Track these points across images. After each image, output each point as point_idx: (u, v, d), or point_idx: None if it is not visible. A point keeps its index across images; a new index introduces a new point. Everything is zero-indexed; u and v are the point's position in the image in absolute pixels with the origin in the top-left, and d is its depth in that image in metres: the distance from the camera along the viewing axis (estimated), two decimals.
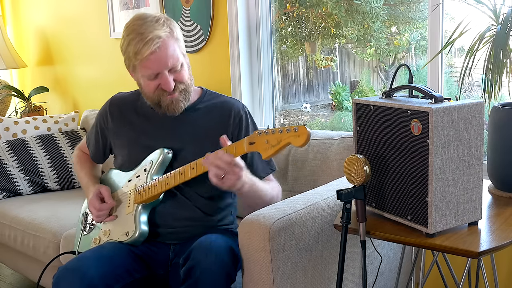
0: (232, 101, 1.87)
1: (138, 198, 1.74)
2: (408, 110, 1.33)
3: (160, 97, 1.72)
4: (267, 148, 1.48)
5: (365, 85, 2.83)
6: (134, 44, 1.64)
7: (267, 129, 1.49)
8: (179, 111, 1.75)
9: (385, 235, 1.39)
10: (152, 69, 1.66)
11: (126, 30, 1.69)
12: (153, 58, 1.64)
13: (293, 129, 1.44)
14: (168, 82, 1.68)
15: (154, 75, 1.68)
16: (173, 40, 1.68)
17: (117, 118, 1.88)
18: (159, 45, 1.63)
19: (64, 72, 3.86)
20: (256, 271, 1.54)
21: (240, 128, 1.81)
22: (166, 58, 1.65)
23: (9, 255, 2.70)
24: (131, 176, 1.82)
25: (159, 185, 1.70)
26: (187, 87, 1.74)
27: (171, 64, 1.67)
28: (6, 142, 2.92)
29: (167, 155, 1.76)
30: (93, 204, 1.80)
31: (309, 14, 2.85)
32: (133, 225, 1.71)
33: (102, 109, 1.94)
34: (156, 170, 1.75)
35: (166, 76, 1.67)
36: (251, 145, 1.52)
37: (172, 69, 1.68)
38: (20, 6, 4.10)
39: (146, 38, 1.62)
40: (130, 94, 1.94)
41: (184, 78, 1.72)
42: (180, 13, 2.92)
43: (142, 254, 1.72)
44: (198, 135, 1.79)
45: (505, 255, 2.00)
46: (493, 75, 1.57)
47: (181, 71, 1.71)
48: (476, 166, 1.35)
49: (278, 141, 1.46)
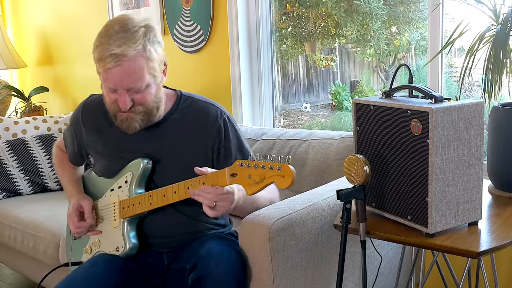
0: (208, 107, 1.72)
1: (123, 213, 1.69)
2: (408, 110, 1.33)
3: (116, 111, 1.61)
4: (250, 184, 1.42)
5: (365, 85, 2.83)
6: (100, 50, 1.53)
7: (249, 162, 1.42)
8: (132, 131, 1.62)
9: (385, 235, 1.39)
10: (110, 83, 1.55)
11: (103, 28, 1.58)
12: (112, 73, 1.52)
13: (276, 167, 1.36)
14: (123, 101, 1.56)
15: (112, 90, 1.57)
16: (141, 60, 1.53)
17: (89, 125, 1.78)
18: (121, 63, 1.51)
19: (64, 72, 3.86)
20: (256, 271, 1.55)
21: (220, 140, 1.69)
22: (125, 78, 1.53)
23: (9, 255, 2.70)
24: (113, 185, 1.74)
25: (143, 204, 1.65)
26: (148, 109, 1.60)
27: (129, 85, 1.54)
28: (6, 142, 2.92)
29: (147, 165, 1.68)
30: (72, 220, 1.73)
31: (309, 14, 2.85)
32: (122, 240, 1.67)
33: (75, 114, 1.84)
34: (138, 182, 1.68)
35: (123, 94, 1.55)
36: (233, 177, 1.45)
37: (131, 89, 1.55)
38: (20, 6, 4.10)
39: (111, 51, 1.51)
40: (102, 98, 1.76)
41: (146, 101, 1.58)
42: (180, 13, 2.92)
43: (136, 265, 1.68)
44: (175, 147, 1.69)
45: (505, 255, 2.00)
46: (493, 75, 1.57)
47: (143, 92, 1.57)
48: (476, 166, 1.35)
49: (261, 178, 1.40)
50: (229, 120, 1.73)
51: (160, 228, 1.70)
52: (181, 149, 1.69)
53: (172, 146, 1.70)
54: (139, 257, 1.70)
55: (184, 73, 3.00)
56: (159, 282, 1.71)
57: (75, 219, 1.73)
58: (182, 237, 1.72)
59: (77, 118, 1.82)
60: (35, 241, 2.40)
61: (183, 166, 1.68)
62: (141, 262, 1.70)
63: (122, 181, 1.72)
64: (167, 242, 1.72)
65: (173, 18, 2.97)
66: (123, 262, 1.66)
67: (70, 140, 1.88)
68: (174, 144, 1.70)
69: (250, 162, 1.42)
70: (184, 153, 1.69)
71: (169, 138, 1.70)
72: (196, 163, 1.66)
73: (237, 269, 1.52)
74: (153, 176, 1.71)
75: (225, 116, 1.72)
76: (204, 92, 2.82)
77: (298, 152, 2.22)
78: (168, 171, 1.69)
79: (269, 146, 2.34)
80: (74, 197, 1.79)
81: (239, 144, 1.74)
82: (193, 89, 2.32)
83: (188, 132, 1.70)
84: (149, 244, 1.73)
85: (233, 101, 2.82)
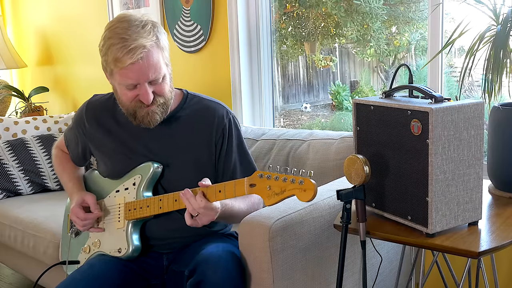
0: (215, 107, 1.74)
1: (129, 215, 1.68)
2: (408, 110, 1.33)
3: (136, 108, 1.60)
4: (270, 195, 1.42)
5: (365, 85, 2.83)
6: (116, 50, 1.51)
7: (270, 173, 1.43)
8: (154, 124, 1.64)
9: (385, 235, 1.39)
10: (131, 79, 1.54)
11: (108, 31, 1.55)
12: (135, 68, 1.52)
13: (298, 181, 1.36)
14: (147, 94, 1.56)
15: (133, 86, 1.56)
16: (158, 50, 1.55)
17: (94, 125, 1.76)
18: (143, 56, 1.51)
19: (64, 72, 3.86)
20: (256, 271, 1.54)
21: (223, 140, 1.71)
22: (148, 70, 1.53)
23: (9, 255, 2.70)
24: (118, 186, 1.73)
25: (152, 207, 1.64)
26: (166, 100, 1.62)
27: (152, 76, 1.55)
28: (6, 142, 2.92)
29: (157, 169, 1.68)
30: (76, 214, 1.70)
31: (309, 14, 2.85)
32: (125, 242, 1.67)
33: (78, 113, 1.82)
34: (146, 186, 1.68)
35: (146, 88, 1.56)
36: (251, 188, 1.46)
37: (153, 81, 1.57)
38: (20, 6, 4.10)
39: (130, 46, 1.49)
40: (107, 98, 1.80)
41: (165, 91, 1.61)
42: (180, 13, 2.92)
43: (136, 267, 1.68)
44: (181, 147, 1.70)
45: (505, 255, 2.00)
46: (493, 75, 1.57)
47: (162, 83, 1.59)
48: (476, 166, 1.35)
49: (281, 190, 1.40)
50: (234, 121, 1.76)
51: (162, 231, 1.70)
52: (187, 147, 1.70)
53: (178, 145, 1.70)
54: (139, 259, 1.70)
55: (184, 73, 3.00)
56: (158, 283, 1.71)
57: (81, 212, 1.70)
58: (183, 239, 1.72)
59: (82, 118, 1.80)
60: (35, 241, 2.39)
61: (189, 166, 1.69)
62: (141, 263, 1.70)
63: (130, 183, 1.71)
64: (168, 244, 1.72)
65: (173, 18, 2.97)
66: (122, 264, 1.66)
67: (74, 140, 1.86)
68: (180, 142, 1.70)
69: (270, 173, 1.43)
70: (190, 152, 1.70)
71: (175, 136, 1.71)
72: (201, 161, 1.69)
73: (235, 275, 1.51)
74: (160, 179, 1.71)
75: (231, 116, 1.75)
76: (204, 92, 2.79)
77: (298, 152, 2.22)
78: (175, 172, 1.69)
79: (269, 146, 2.34)
80: (76, 193, 1.78)
81: (239, 146, 1.75)
82: (193, 89, 2.31)
83: (194, 130, 1.71)
84: (150, 245, 1.73)
85: (233, 101, 2.82)
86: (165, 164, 1.70)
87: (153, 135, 1.70)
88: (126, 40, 1.51)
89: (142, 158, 1.70)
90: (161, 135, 1.70)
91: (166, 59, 1.60)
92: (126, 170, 1.72)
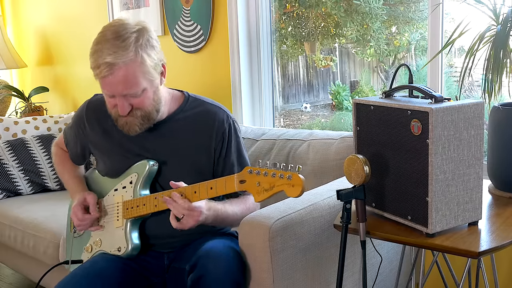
0: (216, 111, 1.74)
1: (127, 214, 1.69)
2: (408, 110, 1.33)
3: (116, 116, 1.63)
4: (259, 191, 1.43)
5: (365, 85, 2.83)
6: (93, 60, 1.55)
7: (259, 169, 1.43)
8: (133, 133, 1.65)
9: (385, 235, 1.39)
10: (106, 90, 1.58)
11: (98, 35, 1.58)
12: (106, 82, 1.54)
13: (287, 176, 1.37)
14: (121, 107, 1.57)
15: (110, 95, 1.59)
16: (134, 67, 1.53)
17: (94, 125, 1.78)
18: (112, 72, 1.51)
19: (64, 72, 3.86)
20: (256, 271, 1.54)
21: (222, 144, 1.71)
22: (118, 86, 1.54)
23: (9, 255, 2.70)
24: (116, 185, 1.75)
25: (148, 205, 1.65)
26: (146, 113, 1.61)
27: (124, 91, 1.55)
28: (6, 142, 2.92)
29: (153, 167, 1.69)
30: (76, 213, 1.72)
31: (309, 14, 2.86)
32: (124, 240, 1.68)
33: (78, 112, 1.83)
34: (143, 184, 1.69)
35: (120, 100, 1.57)
36: (241, 184, 1.47)
37: (128, 95, 1.56)
38: (20, 6, 4.10)
39: (102, 60, 1.52)
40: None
41: (144, 105, 1.59)
42: (180, 13, 2.92)
43: (136, 266, 1.68)
44: (179, 146, 1.71)
45: (505, 255, 2.00)
46: (493, 75, 1.57)
47: (140, 97, 1.58)
48: (476, 166, 1.35)
49: (270, 186, 1.41)
50: (234, 125, 1.76)
51: (161, 229, 1.70)
52: (185, 149, 1.71)
53: (176, 146, 1.71)
54: (140, 257, 1.71)
55: (184, 73, 3.00)
56: (159, 282, 1.71)
57: (80, 212, 1.72)
58: (183, 237, 1.72)
59: (82, 117, 1.81)
60: (35, 241, 2.40)
61: (187, 166, 1.70)
62: (142, 262, 1.70)
63: (127, 182, 1.72)
64: (168, 243, 1.73)
65: (173, 18, 2.97)
66: (124, 262, 1.66)
67: (73, 139, 1.88)
68: (178, 143, 1.71)
69: (260, 169, 1.43)
70: (188, 153, 1.70)
71: (173, 138, 1.71)
72: (199, 162, 1.69)
73: (236, 270, 1.51)
74: (158, 177, 1.71)
75: (231, 121, 1.76)
76: (204, 92, 2.82)
77: (298, 152, 2.22)
78: (172, 172, 1.69)
79: (269, 146, 2.34)
80: (78, 192, 1.79)
81: (238, 151, 1.76)
82: (193, 89, 2.31)
83: (193, 133, 1.71)
84: (151, 244, 1.73)
85: (233, 101, 2.82)
86: (162, 162, 1.71)
87: (152, 136, 1.71)
88: (103, 53, 1.52)
89: (140, 157, 1.71)
90: (160, 136, 1.71)
91: (147, 74, 1.56)
92: (124, 169, 1.74)
